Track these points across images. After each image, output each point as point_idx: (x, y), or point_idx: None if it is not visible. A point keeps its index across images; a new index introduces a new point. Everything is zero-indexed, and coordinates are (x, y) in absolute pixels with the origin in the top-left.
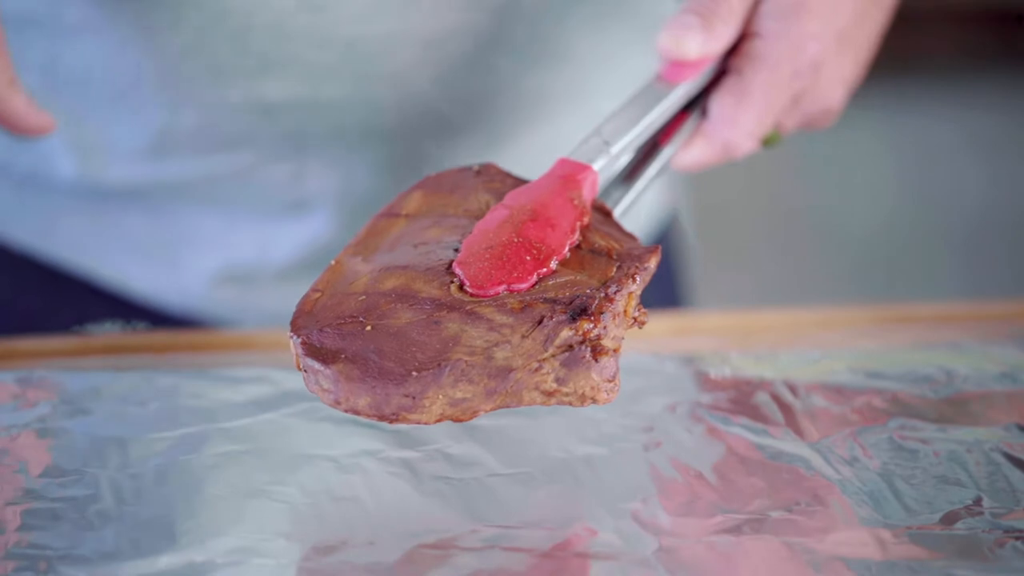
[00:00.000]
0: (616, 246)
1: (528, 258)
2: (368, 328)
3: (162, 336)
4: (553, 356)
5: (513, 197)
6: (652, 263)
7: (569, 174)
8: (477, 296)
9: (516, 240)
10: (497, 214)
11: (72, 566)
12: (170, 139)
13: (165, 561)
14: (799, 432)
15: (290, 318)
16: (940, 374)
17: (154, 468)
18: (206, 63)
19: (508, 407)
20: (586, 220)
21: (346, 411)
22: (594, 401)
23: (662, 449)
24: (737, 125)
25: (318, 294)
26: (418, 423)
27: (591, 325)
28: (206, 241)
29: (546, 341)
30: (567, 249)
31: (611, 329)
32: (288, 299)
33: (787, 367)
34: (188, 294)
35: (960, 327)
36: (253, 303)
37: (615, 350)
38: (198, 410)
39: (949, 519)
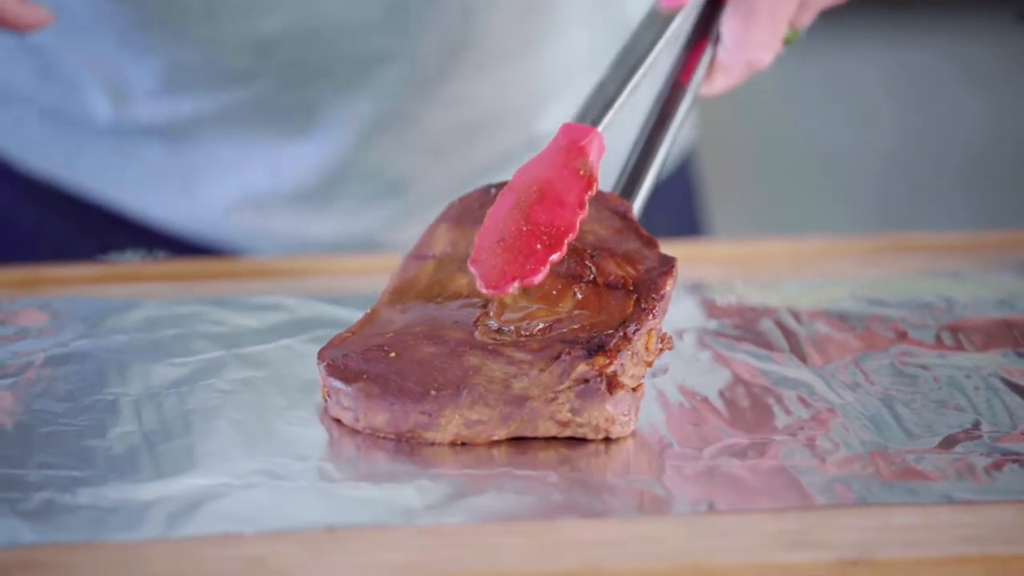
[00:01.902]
0: (632, 272)
1: (539, 246)
2: (392, 355)
3: (182, 265)
4: (569, 388)
5: (520, 176)
6: (668, 287)
7: (572, 141)
8: (493, 294)
9: (525, 228)
10: (505, 200)
11: (93, 487)
12: (178, 77)
13: (184, 483)
14: (803, 358)
15: (303, 246)
16: (940, 301)
17: (174, 393)
18: (200, 1)
19: (523, 435)
20: (594, 190)
21: (364, 428)
22: (608, 433)
23: (669, 375)
24: (751, 44)
25: (350, 334)
26: (433, 442)
27: (607, 360)
28: (221, 169)
29: (562, 374)
30: (578, 226)
31: (628, 368)
32: (301, 223)
33: (791, 295)
34: (205, 221)
35: (960, 256)
36: (268, 228)
37: (634, 389)
38: (217, 337)
39: (948, 442)
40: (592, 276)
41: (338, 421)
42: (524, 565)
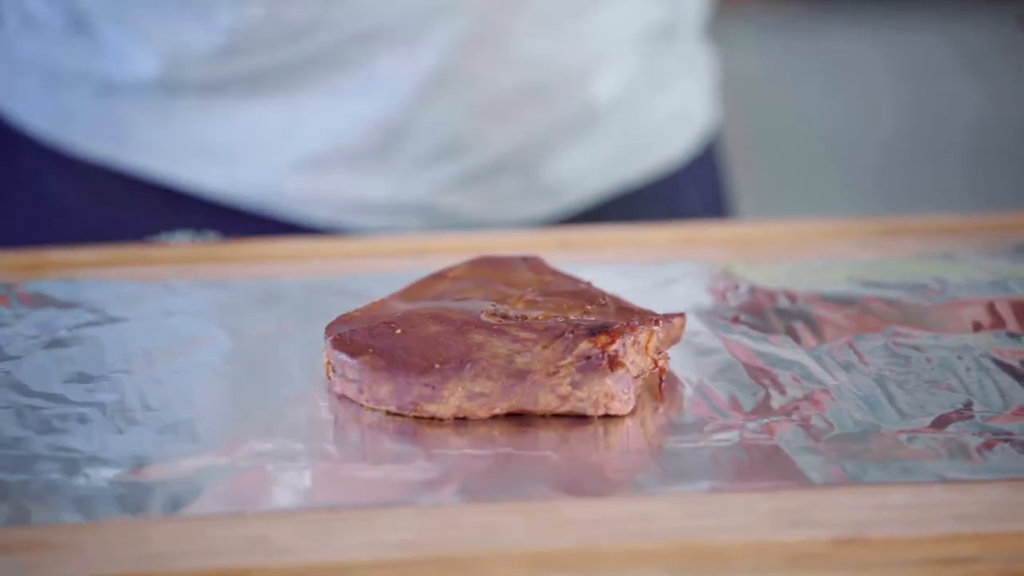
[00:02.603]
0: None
1: None
2: (398, 331)
3: (183, 248)
4: (571, 364)
5: None
6: (676, 321)
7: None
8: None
9: None
10: None
11: (98, 468)
12: (240, 36)
13: (188, 464)
14: (798, 339)
15: (360, 208)
16: (934, 283)
17: (178, 374)
18: None
19: (523, 409)
20: None
21: (367, 401)
22: (607, 409)
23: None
24: None
25: (357, 314)
26: (435, 415)
27: (609, 339)
28: (276, 133)
29: (565, 351)
30: None
31: (630, 352)
32: (357, 185)
33: (787, 277)
34: (261, 188)
35: (955, 239)
36: (324, 191)
37: (635, 377)
38: (220, 319)
39: (941, 422)
40: (606, 302)
41: (343, 400)
42: (523, 544)
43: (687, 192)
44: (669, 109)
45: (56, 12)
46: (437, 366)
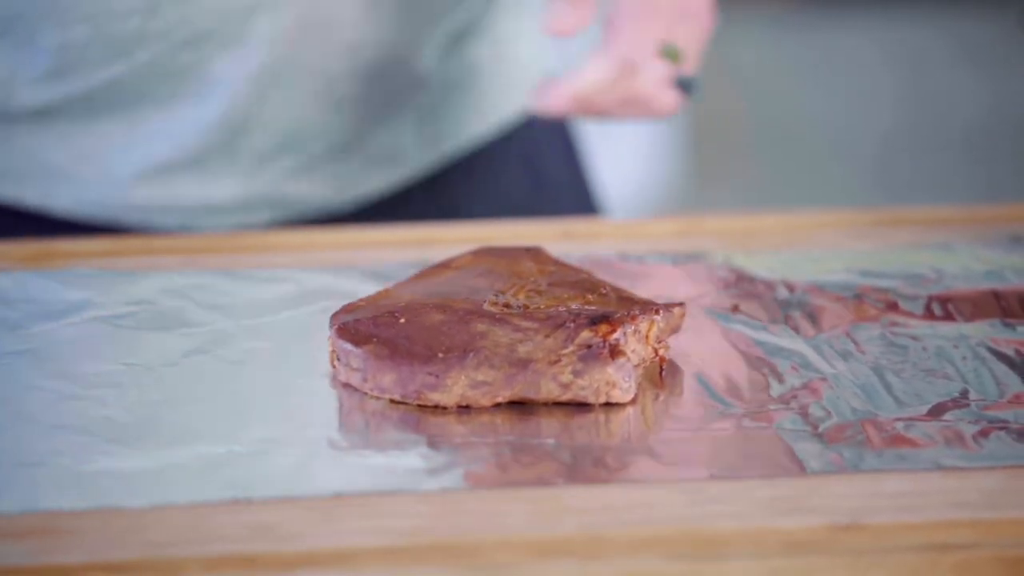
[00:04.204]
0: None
1: None
2: (402, 321)
3: (189, 239)
4: (572, 352)
5: None
6: (677, 310)
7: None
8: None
9: None
10: None
11: (104, 455)
12: (68, 56)
13: (193, 450)
14: (796, 329)
15: (208, 210)
16: (931, 273)
17: (183, 363)
18: None
19: (526, 397)
20: None
21: (371, 390)
22: (608, 397)
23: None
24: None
25: (362, 303)
26: (438, 404)
27: (610, 328)
28: (118, 146)
29: (567, 340)
30: None
31: (631, 342)
32: (206, 187)
33: (786, 267)
34: (109, 203)
35: (951, 229)
36: (172, 196)
37: (636, 366)
38: (225, 308)
39: (937, 411)
40: (607, 292)
41: (346, 388)
42: (525, 531)
43: (533, 148)
44: (503, 73)
45: None
46: (440, 355)
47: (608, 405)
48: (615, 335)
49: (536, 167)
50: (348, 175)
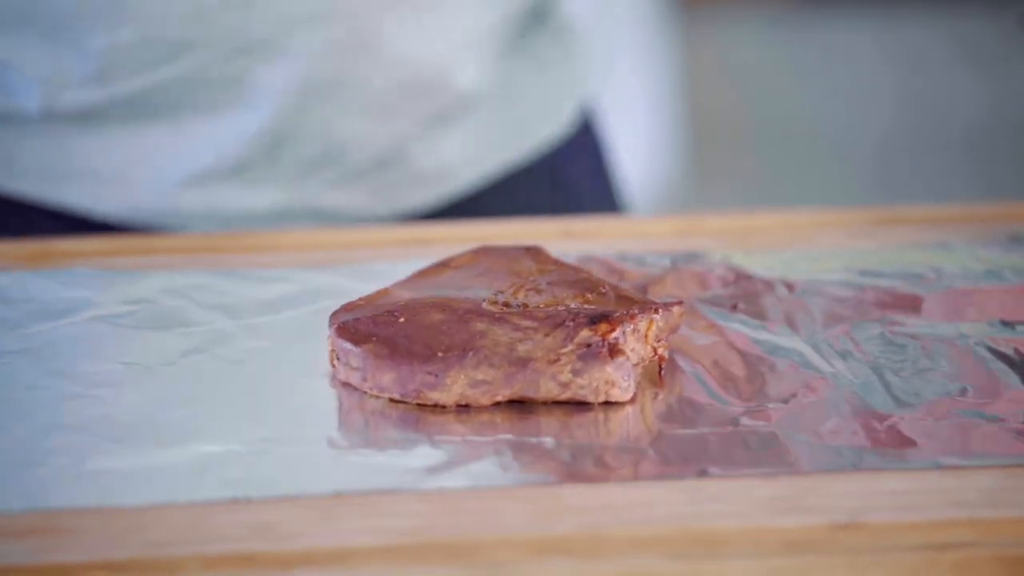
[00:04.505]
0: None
1: None
2: (401, 320)
3: (189, 238)
4: (572, 352)
5: None
6: (676, 309)
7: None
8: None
9: None
10: None
11: (103, 454)
12: (115, 60)
13: (192, 450)
14: (795, 327)
15: (249, 219)
16: (930, 272)
17: (182, 362)
18: None
19: (525, 396)
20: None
21: (371, 389)
22: (608, 396)
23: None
24: None
25: (361, 302)
26: (438, 403)
27: (609, 328)
28: (164, 153)
29: (566, 339)
30: None
31: (630, 341)
32: (247, 196)
33: (785, 266)
34: (150, 209)
35: (950, 228)
36: (213, 205)
37: (635, 365)
38: (224, 307)
39: (936, 409)
40: (606, 291)
41: (346, 387)
42: (524, 529)
43: (569, 168)
44: (545, 89)
45: None
46: (440, 354)
47: (607, 404)
48: (614, 334)
49: (572, 188)
50: (389, 189)
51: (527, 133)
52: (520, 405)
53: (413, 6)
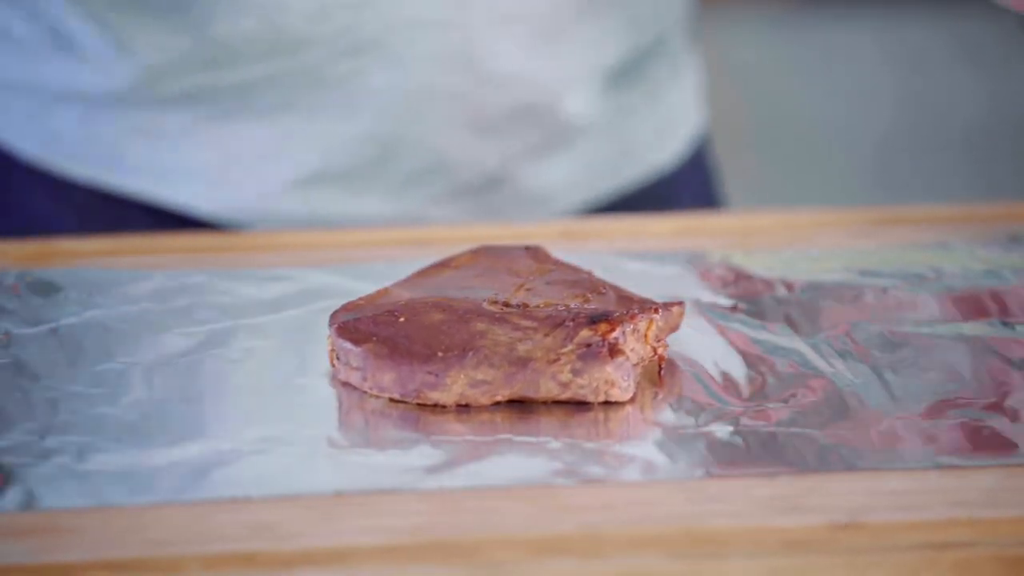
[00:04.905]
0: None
1: None
2: (401, 320)
3: (189, 238)
4: (571, 351)
5: None
6: (675, 309)
7: None
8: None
9: None
10: None
11: (103, 453)
12: (231, 47)
13: (193, 449)
14: (794, 327)
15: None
16: (929, 272)
17: (183, 362)
18: None
19: (525, 396)
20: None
21: (371, 388)
22: (608, 396)
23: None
24: None
25: (361, 302)
26: (438, 402)
27: (609, 328)
28: (269, 155)
29: (566, 339)
30: None
31: (630, 340)
32: (351, 203)
33: (784, 266)
34: (252, 209)
35: (950, 228)
36: (319, 210)
37: (635, 365)
38: (224, 307)
39: (935, 409)
40: (606, 291)
41: (346, 387)
42: (524, 529)
43: (679, 196)
44: (658, 117)
45: (36, 28)
46: (440, 354)
47: (607, 404)
48: (614, 334)
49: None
50: (493, 208)
51: (637, 160)
52: (520, 405)
53: (532, 31)
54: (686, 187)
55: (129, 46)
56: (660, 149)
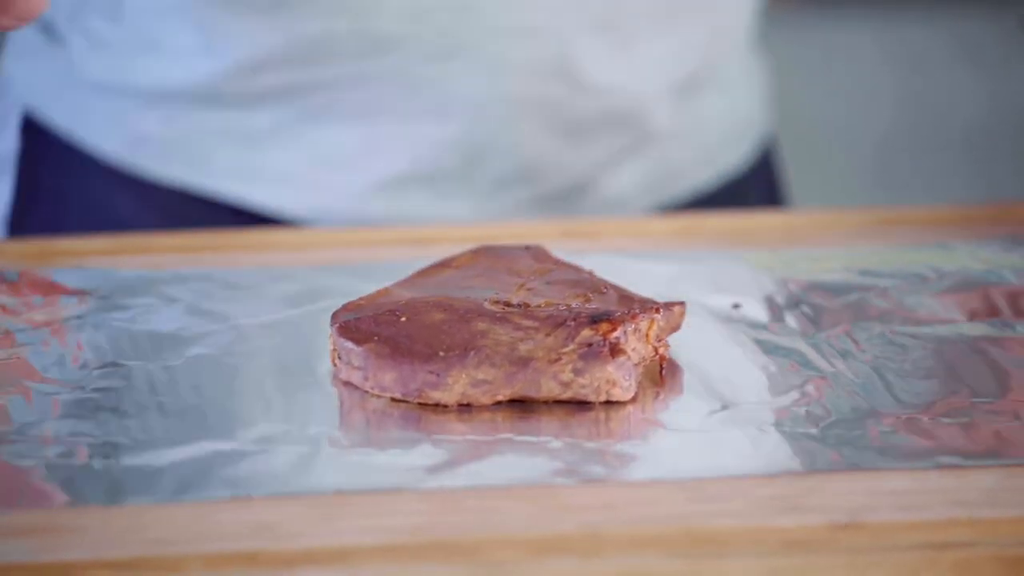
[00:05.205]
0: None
1: None
2: (403, 319)
3: (193, 236)
4: (573, 351)
5: None
6: (677, 309)
7: None
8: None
9: None
10: None
11: (103, 453)
12: (322, 45)
13: (197, 448)
14: (796, 328)
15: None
16: (929, 272)
17: (186, 360)
18: None
19: (526, 395)
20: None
21: (372, 388)
22: (609, 395)
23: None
24: None
25: (362, 302)
26: (439, 402)
27: (611, 327)
28: (357, 157)
29: (567, 338)
30: None
31: (631, 340)
32: (439, 207)
33: (785, 266)
34: (338, 212)
35: (949, 229)
36: (406, 213)
37: (636, 364)
38: (227, 306)
39: (936, 409)
40: (607, 291)
41: (347, 386)
42: (524, 529)
43: (747, 197)
44: (729, 119)
45: (124, 29)
46: (441, 354)
47: (608, 403)
48: (615, 334)
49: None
50: (572, 212)
51: (709, 162)
52: (521, 404)
53: (622, 39)
54: (754, 188)
55: (221, 43)
56: (731, 151)
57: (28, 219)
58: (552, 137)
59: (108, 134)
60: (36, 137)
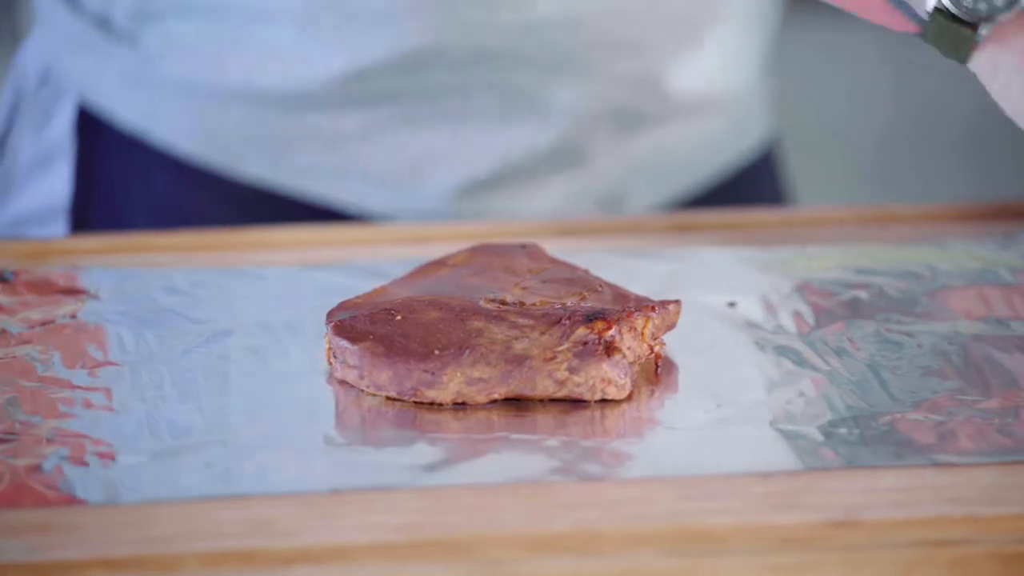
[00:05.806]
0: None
1: None
2: (398, 318)
3: (190, 235)
4: (568, 349)
5: None
6: (672, 307)
7: None
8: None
9: None
10: None
11: (102, 452)
12: (426, 55)
13: (190, 446)
14: (791, 325)
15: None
16: (925, 270)
17: (180, 359)
18: None
19: (522, 394)
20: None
21: (368, 387)
22: (604, 394)
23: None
24: None
25: (359, 300)
26: (434, 400)
27: (606, 326)
28: (444, 159)
29: (562, 336)
30: None
31: (626, 339)
32: (513, 205)
33: (780, 264)
34: (424, 212)
35: (945, 226)
36: (495, 209)
37: (631, 363)
38: (223, 305)
39: (932, 407)
40: (603, 289)
41: (343, 385)
42: (520, 527)
43: (749, 194)
44: (738, 117)
45: (202, 31)
46: (436, 352)
47: (604, 402)
48: (611, 332)
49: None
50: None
51: (713, 158)
52: (516, 403)
53: (708, 55)
54: (756, 185)
55: (325, 50)
56: (736, 148)
57: (90, 214)
58: (642, 152)
59: (182, 131)
60: (95, 131)
